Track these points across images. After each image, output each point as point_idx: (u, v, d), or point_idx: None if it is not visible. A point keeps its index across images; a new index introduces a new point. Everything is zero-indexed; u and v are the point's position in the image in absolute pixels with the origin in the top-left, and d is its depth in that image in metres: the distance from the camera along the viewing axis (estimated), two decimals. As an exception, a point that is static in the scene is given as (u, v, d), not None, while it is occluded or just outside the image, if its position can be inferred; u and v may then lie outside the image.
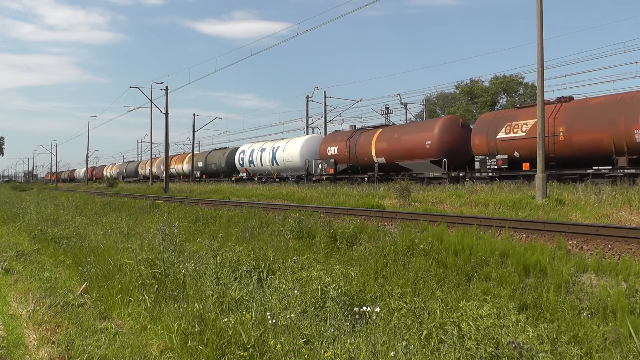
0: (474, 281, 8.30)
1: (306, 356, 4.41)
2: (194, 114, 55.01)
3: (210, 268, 6.90)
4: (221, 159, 46.98)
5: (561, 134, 20.66)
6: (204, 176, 49.59)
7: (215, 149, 52.13)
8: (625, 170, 18.52)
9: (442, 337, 5.13)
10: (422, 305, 6.16)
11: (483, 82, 56.71)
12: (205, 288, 6.32)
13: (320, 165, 33.78)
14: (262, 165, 40.01)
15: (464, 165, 25.33)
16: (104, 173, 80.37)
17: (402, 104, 49.94)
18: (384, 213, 14.30)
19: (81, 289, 7.87)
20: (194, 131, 53.44)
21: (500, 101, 58.24)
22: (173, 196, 30.87)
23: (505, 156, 22.15)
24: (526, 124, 21.70)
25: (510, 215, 13.37)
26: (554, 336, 5.39)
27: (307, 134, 47.91)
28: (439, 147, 25.40)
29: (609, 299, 6.80)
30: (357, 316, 5.53)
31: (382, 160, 28.96)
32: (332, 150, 32.83)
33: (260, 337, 4.81)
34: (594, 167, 20.02)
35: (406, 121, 47.91)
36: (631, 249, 8.23)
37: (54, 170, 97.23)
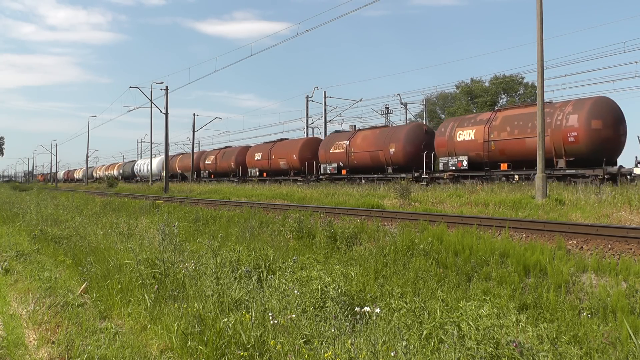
0: (474, 281, 8.30)
1: (306, 356, 4.41)
2: (194, 114, 55.40)
3: (210, 268, 6.90)
4: (129, 168, 71.90)
5: (352, 153, 31.88)
6: (122, 178, 73.02)
7: (128, 162, 77.48)
8: (390, 175, 28.76)
9: (442, 337, 5.13)
10: (422, 305, 6.16)
11: (483, 82, 56.71)
12: (205, 288, 6.32)
13: (163, 174, 55.88)
14: (144, 172, 64.19)
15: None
16: (75, 176, 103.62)
17: (402, 104, 49.92)
18: (383, 213, 14.30)
19: (81, 289, 7.87)
20: (194, 131, 53.64)
21: (501, 101, 58.22)
22: (173, 196, 30.88)
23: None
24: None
25: (510, 215, 13.38)
26: (554, 336, 5.39)
27: (307, 134, 48.53)
28: (196, 165, 53.41)
29: (608, 298, 6.80)
30: (357, 316, 5.53)
31: (179, 171, 57.80)
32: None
33: (260, 337, 4.81)
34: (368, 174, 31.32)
35: (406, 121, 47.97)
36: (631, 249, 8.23)
37: (53, 170, 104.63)
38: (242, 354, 4.58)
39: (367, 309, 5.36)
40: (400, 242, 10.12)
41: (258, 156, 42.35)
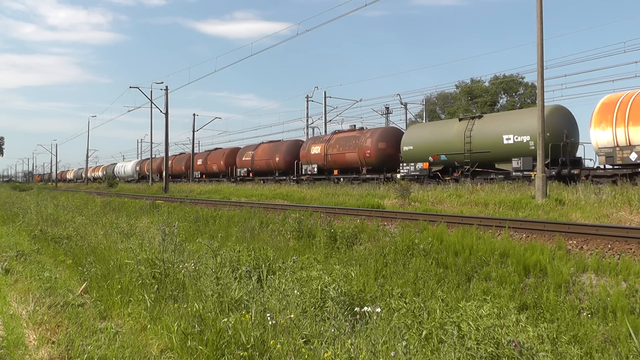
0: (474, 281, 8.30)
1: (306, 356, 4.41)
2: (194, 114, 55.39)
3: (210, 268, 6.90)
4: (111, 169, 79.38)
5: (255, 161, 40.84)
6: (105, 178, 79.04)
7: (109, 164, 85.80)
8: (277, 177, 38.99)
9: (442, 337, 5.13)
10: (422, 305, 6.16)
11: (483, 82, 56.69)
12: (205, 288, 6.32)
13: (135, 175, 68.29)
14: (122, 173, 73.63)
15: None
16: (67, 176, 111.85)
17: (402, 104, 49.87)
18: (383, 213, 14.30)
19: (81, 289, 7.87)
20: (194, 131, 53.62)
21: (500, 101, 58.22)
22: (173, 196, 30.88)
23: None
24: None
25: (510, 215, 13.37)
26: (554, 336, 5.39)
27: (307, 134, 48.51)
28: (158, 168, 60.07)
29: (608, 298, 6.80)
30: (357, 316, 5.53)
31: (147, 173, 61.30)
32: (138, 168, 68.32)
33: (260, 337, 4.81)
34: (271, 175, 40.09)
35: (406, 121, 48.00)
36: (631, 249, 8.23)
37: (53, 170, 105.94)
38: (242, 354, 4.58)
39: (367, 308, 5.37)
40: (400, 242, 10.12)
41: (199, 162, 51.43)
